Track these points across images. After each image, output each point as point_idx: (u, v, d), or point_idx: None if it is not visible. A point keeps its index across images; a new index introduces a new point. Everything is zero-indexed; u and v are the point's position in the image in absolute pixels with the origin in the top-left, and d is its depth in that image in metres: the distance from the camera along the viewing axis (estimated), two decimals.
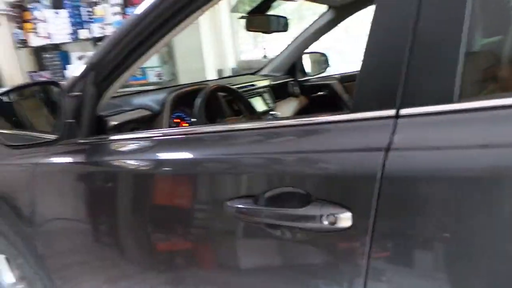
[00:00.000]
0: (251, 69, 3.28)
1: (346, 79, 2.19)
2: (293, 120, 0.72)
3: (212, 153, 0.77)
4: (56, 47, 4.31)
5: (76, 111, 0.96)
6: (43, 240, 1.11)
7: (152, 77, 3.68)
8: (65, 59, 4.33)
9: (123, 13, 3.74)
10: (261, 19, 1.42)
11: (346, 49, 3.48)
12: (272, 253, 0.68)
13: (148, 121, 1.21)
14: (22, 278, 1.32)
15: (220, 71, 3.69)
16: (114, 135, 0.98)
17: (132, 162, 0.90)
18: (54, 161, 1.03)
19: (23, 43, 4.41)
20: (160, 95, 1.27)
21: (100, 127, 1.01)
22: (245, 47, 4.11)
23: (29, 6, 4.19)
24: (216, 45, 3.64)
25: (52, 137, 0.97)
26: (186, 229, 0.82)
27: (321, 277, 0.62)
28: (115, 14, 3.84)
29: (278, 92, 2.06)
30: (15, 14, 4.43)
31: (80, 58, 4.26)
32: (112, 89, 0.97)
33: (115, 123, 1.05)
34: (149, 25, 0.82)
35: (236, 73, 3.88)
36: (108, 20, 3.83)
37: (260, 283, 0.71)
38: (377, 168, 0.53)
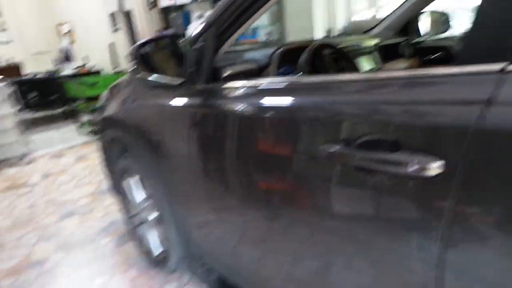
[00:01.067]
0: (360, 29, 3.17)
1: None
2: (394, 73, 0.73)
3: (312, 101, 0.84)
4: (179, 7, 4.74)
5: (197, 61, 1.12)
6: (166, 168, 1.36)
7: (261, 36, 3.82)
8: (187, 18, 4.75)
9: None
10: None
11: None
12: (358, 196, 0.74)
13: (256, 73, 1.33)
14: (151, 196, 1.65)
15: (329, 31, 3.64)
16: (227, 83, 1.11)
17: (241, 106, 1.01)
18: (177, 103, 1.23)
19: (153, 4, 4.95)
20: (268, 51, 1.38)
21: (215, 76, 1.16)
22: (358, 7, 3.92)
23: None
24: (327, 5, 3.57)
25: (178, 82, 1.16)
26: (284, 169, 0.90)
27: (403, 222, 0.67)
28: None
29: (388, 53, 1.99)
30: None
31: (198, 17, 4.62)
32: (227, 43, 1.09)
33: (228, 73, 1.18)
34: None
35: (345, 33, 3.79)
36: None
37: (345, 224, 0.78)
38: (476, 121, 0.55)
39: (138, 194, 1.73)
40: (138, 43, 1.18)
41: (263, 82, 1.03)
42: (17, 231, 2.36)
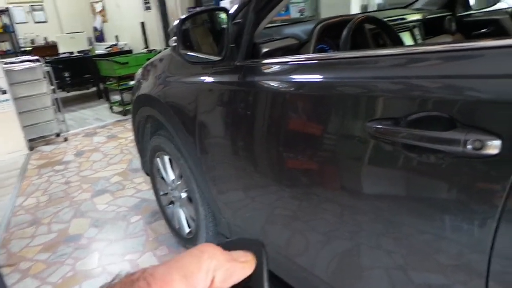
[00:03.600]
0: (400, 4, 2.98)
1: None
2: (440, 46, 0.67)
3: (357, 76, 0.78)
4: None
5: (237, 36, 1.08)
6: (200, 147, 1.33)
7: (294, 13, 3.69)
8: None
9: None
10: None
11: None
12: (407, 176, 0.68)
13: (296, 50, 1.26)
14: (180, 176, 1.63)
15: (364, 7, 3.45)
16: (266, 59, 1.06)
17: (280, 83, 0.97)
18: (216, 80, 1.19)
19: None
20: (308, 26, 1.29)
21: (255, 52, 1.11)
22: None
23: None
24: None
25: (217, 58, 1.11)
26: (326, 147, 0.85)
27: (457, 202, 0.61)
28: None
29: (432, 28, 1.85)
30: None
31: None
32: (267, 18, 1.04)
33: (267, 49, 1.13)
34: None
35: (383, 9, 3.59)
36: None
37: (392, 205, 0.72)
38: None
39: (170, 173, 1.73)
40: (181, 17, 1.13)
41: (303, 58, 0.98)
42: (53, 207, 2.44)
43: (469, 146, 0.54)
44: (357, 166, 0.78)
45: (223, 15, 1.07)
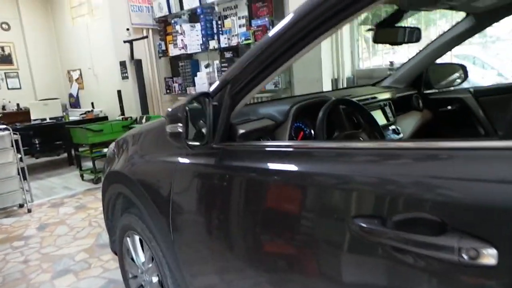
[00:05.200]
0: (369, 78, 3.16)
1: (481, 93, 1.95)
2: (420, 143, 0.67)
3: (337, 168, 0.77)
4: (188, 56, 4.84)
5: (214, 118, 1.08)
6: (174, 228, 1.25)
7: (269, 85, 3.84)
8: (195, 67, 4.84)
9: (249, 25, 4.01)
10: (390, 31, 1.36)
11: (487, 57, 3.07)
12: (393, 278, 0.64)
13: (272, 130, 1.27)
14: (152, 259, 1.51)
15: (335, 81, 3.65)
16: (243, 142, 1.07)
17: (257, 168, 0.95)
18: (192, 161, 1.17)
19: (164, 53, 5.08)
20: (283, 106, 1.32)
21: (231, 133, 1.11)
22: (363, 55, 3.98)
23: (171, 20, 4.82)
24: (334, 53, 3.62)
25: (194, 140, 1.08)
26: (303, 237, 0.82)
27: None
28: (240, 26, 4.14)
29: (400, 105, 1.94)
30: (159, 28, 5.14)
31: (206, 66, 4.70)
32: (244, 101, 1.05)
33: (243, 131, 1.13)
34: (280, 46, 0.88)
35: (352, 83, 3.80)
36: (234, 32, 4.15)
37: None
38: None
39: (140, 254, 1.61)
40: (180, 107, 1.08)
41: (280, 145, 1.00)
42: None
43: (464, 256, 0.51)
44: (338, 260, 0.75)
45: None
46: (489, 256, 0.50)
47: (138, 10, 5.16)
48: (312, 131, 1.38)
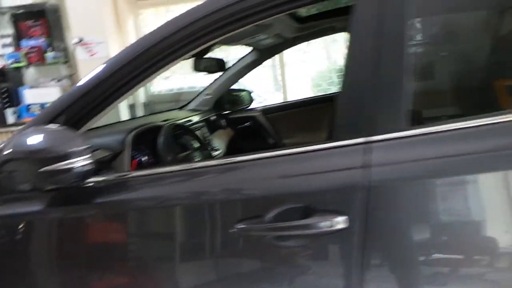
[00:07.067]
0: (166, 103, 3.29)
1: (268, 111, 2.43)
2: (284, 150, 0.84)
3: (192, 187, 0.87)
4: None
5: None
6: None
7: None
8: None
9: (17, 46, 3.43)
10: (207, 61, 1.54)
11: None
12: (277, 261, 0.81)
13: (110, 161, 1.19)
14: None
15: (132, 106, 3.61)
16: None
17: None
18: (23, 210, 0.96)
19: None
20: (116, 136, 1.26)
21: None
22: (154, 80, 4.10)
23: None
24: None
25: (26, 186, 0.90)
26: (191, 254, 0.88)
27: (323, 273, 0.78)
28: (5, 46, 3.49)
29: (209, 126, 2.17)
30: None
31: None
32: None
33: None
34: (117, 81, 0.87)
35: (148, 108, 3.83)
36: None
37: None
38: (363, 180, 0.72)
39: None
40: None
41: (133, 175, 0.96)
42: None
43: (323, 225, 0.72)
44: (229, 260, 0.85)
45: None
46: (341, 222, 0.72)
47: None
48: (147, 157, 1.38)
